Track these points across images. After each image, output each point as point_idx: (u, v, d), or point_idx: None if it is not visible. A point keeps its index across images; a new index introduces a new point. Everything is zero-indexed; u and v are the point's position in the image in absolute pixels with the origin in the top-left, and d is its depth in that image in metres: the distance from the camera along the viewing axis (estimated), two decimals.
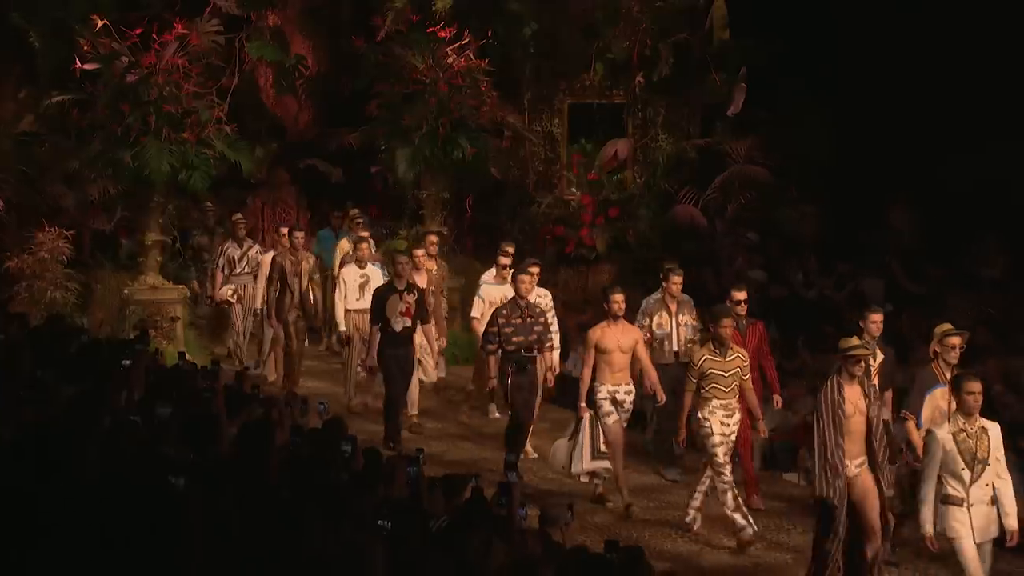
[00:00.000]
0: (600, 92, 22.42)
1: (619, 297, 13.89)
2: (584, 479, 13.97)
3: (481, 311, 16.22)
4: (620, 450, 13.94)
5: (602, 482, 14.14)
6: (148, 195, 18.74)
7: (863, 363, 11.57)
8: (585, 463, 13.76)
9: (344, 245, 19.09)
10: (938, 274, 19.79)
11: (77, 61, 18.04)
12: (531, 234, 21.51)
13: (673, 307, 15.07)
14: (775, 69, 21.22)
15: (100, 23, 18.05)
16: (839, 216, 21.38)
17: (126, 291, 18.89)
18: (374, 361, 15.79)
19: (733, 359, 13.15)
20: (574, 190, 22.43)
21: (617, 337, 13.82)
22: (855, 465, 11.37)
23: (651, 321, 15.05)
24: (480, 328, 15.77)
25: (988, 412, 14.13)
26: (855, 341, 11.74)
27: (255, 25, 21.07)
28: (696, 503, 13.43)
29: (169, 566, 6.39)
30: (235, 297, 19.18)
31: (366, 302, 16.58)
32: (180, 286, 19.39)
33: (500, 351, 14.52)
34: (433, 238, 17.98)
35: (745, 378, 13.26)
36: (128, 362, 11.85)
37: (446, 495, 9.83)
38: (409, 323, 15.64)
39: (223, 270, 19.17)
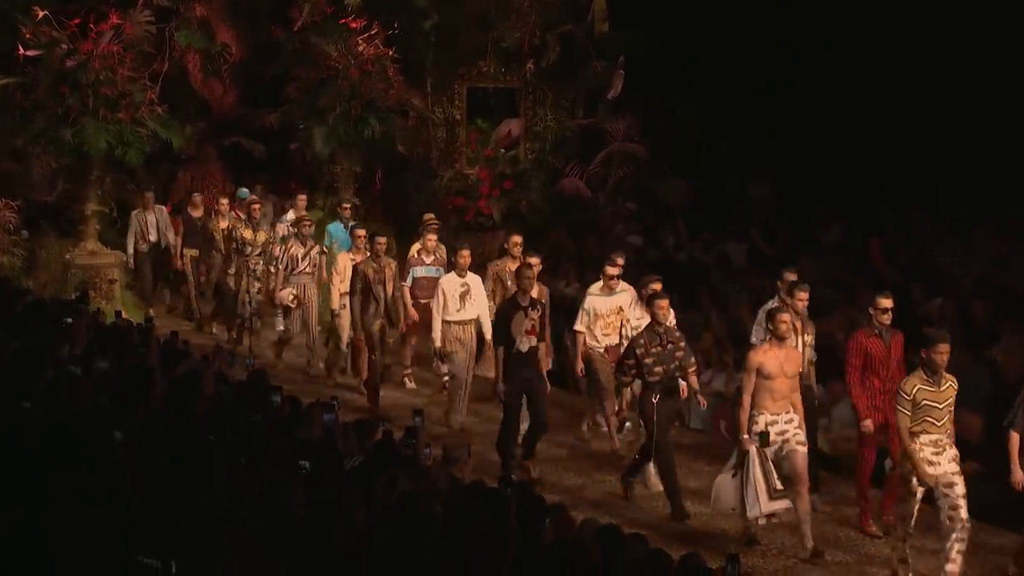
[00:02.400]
0: (495, 77, 22.43)
1: (786, 317, 11.53)
2: (762, 522, 11.42)
3: (586, 324, 14.09)
4: (804, 486, 11.39)
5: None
6: (87, 169, 18.71)
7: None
8: (763, 505, 11.16)
9: (412, 248, 16.87)
10: (789, 239, 20.09)
11: (20, 48, 17.88)
12: (434, 204, 21.52)
13: (798, 325, 12.35)
14: (650, 57, 21.38)
15: (41, 13, 18.00)
16: (706, 188, 21.63)
17: (68, 256, 18.84)
18: (502, 386, 13.15)
19: (946, 388, 10.54)
20: (473, 165, 22.45)
21: (781, 361, 11.35)
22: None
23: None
24: (582, 341, 14.11)
25: (835, 365, 14.45)
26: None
27: (184, 16, 20.89)
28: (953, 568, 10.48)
29: (107, 506, 6.42)
30: (295, 301, 16.85)
31: (466, 313, 14.74)
32: (117, 251, 19.33)
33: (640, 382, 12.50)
34: (518, 238, 15.62)
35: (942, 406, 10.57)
36: (70, 320, 11.79)
37: (359, 438, 9.88)
38: (535, 342, 13.10)
39: (285, 269, 16.88)
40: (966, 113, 19.35)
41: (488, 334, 14.63)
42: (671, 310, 12.69)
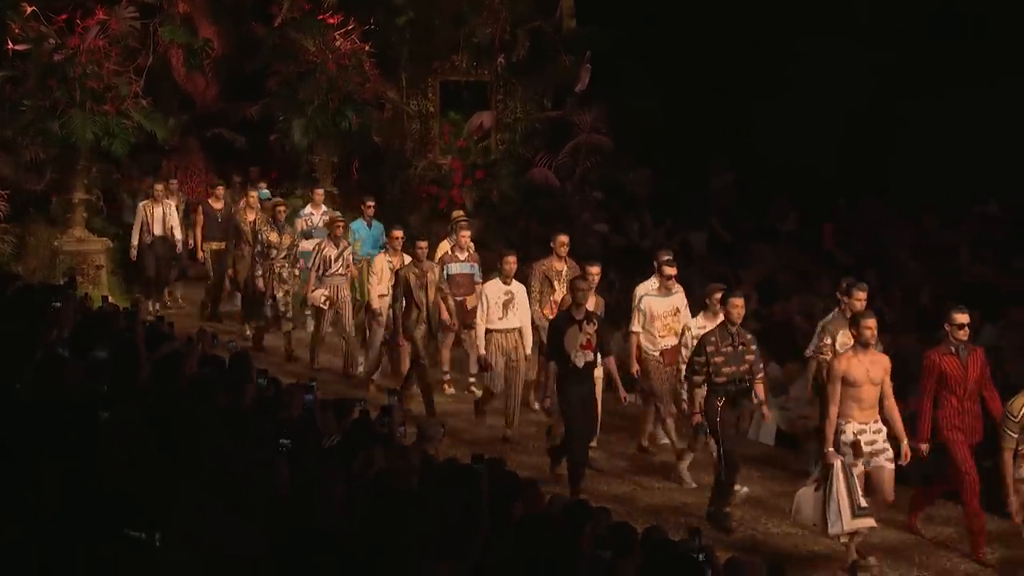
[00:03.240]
0: (467, 71, 22.40)
1: (872, 323, 10.55)
2: (844, 540, 10.54)
3: (641, 324, 12.95)
4: (888, 502, 10.70)
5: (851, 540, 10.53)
6: (74, 159, 18.62)
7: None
8: (846, 522, 10.30)
9: (444, 245, 16.00)
10: (747, 227, 20.19)
11: (9, 43, 17.87)
12: (409, 193, 21.55)
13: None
14: (615, 52, 21.44)
15: (29, 9, 17.99)
16: (669, 178, 21.71)
17: (56, 243, 18.75)
18: (552, 402, 12.19)
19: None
20: (446, 155, 22.43)
21: (866, 367, 10.45)
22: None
23: (834, 340, 11.78)
24: (636, 342, 13.00)
25: (790, 343, 14.56)
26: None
27: (167, 12, 20.83)
28: None
29: (94, 482, 6.43)
30: (327, 303, 15.85)
31: (509, 321, 13.59)
32: (104, 238, 19.26)
33: (707, 383, 11.46)
34: (564, 238, 14.08)
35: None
36: (58, 304, 11.77)
37: (337, 417, 9.89)
38: (591, 356, 11.91)
39: (317, 270, 15.86)
40: (912, 109, 19.55)
41: (527, 346, 13.70)
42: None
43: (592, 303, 12.24)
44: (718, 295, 12.07)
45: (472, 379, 15.02)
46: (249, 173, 21.13)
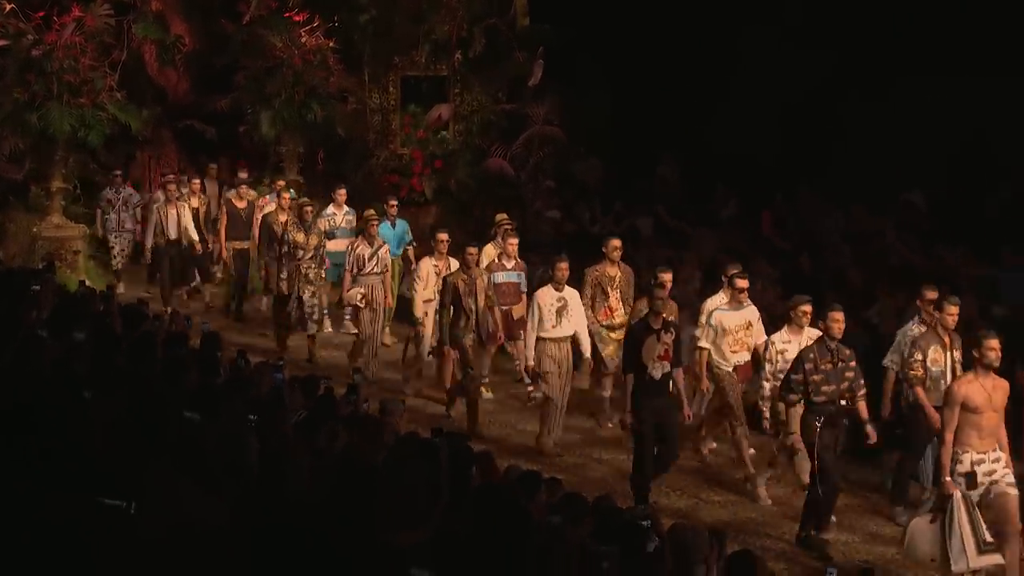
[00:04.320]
0: (426, 67, 22.33)
1: (995, 343, 9.41)
2: None
3: (711, 340, 11.98)
4: (1016, 533, 9.33)
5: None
6: (52, 150, 18.52)
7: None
8: (971, 559, 9.15)
9: (490, 251, 14.87)
10: (692, 213, 20.29)
11: None
12: (371, 182, 21.51)
13: (947, 340, 10.79)
14: (567, 49, 21.49)
15: (8, 7, 17.95)
16: (618, 167, 21.77)
17: (35, 229, 18.69)
18: (630, 417, 11.17)
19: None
20: (406, 146, 22.41)
21: (988, 392, 9.32)
22: None
23: (925, 357, 10.78)
24: (706, 358, 12.00)
25: None
26: None
27: (141, 10, 20.78)
28: None
29: (74, 454, 6.43)
30: (363, 301, 14.94)
31: (562, 329, 12.59)
32: (81, 224, 19.17)
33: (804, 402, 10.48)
34: (616, 242, 13.49)
35: None
36: (37, 287, 11.74)
37: (303, 394, 9.91)
38: (668, 368, 11.00)
39: (352, 270, 15.00)
40: (844, 104, 19.75)
41: (587, 350, 12.85)
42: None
43: (667, 311, 11.34)
44: (805, 307, 11.18)
45: (530, 387, 13.54)
46: (219, 165, 21.03)
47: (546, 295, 12.58)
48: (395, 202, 16.74)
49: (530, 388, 13.47)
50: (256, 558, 5.61)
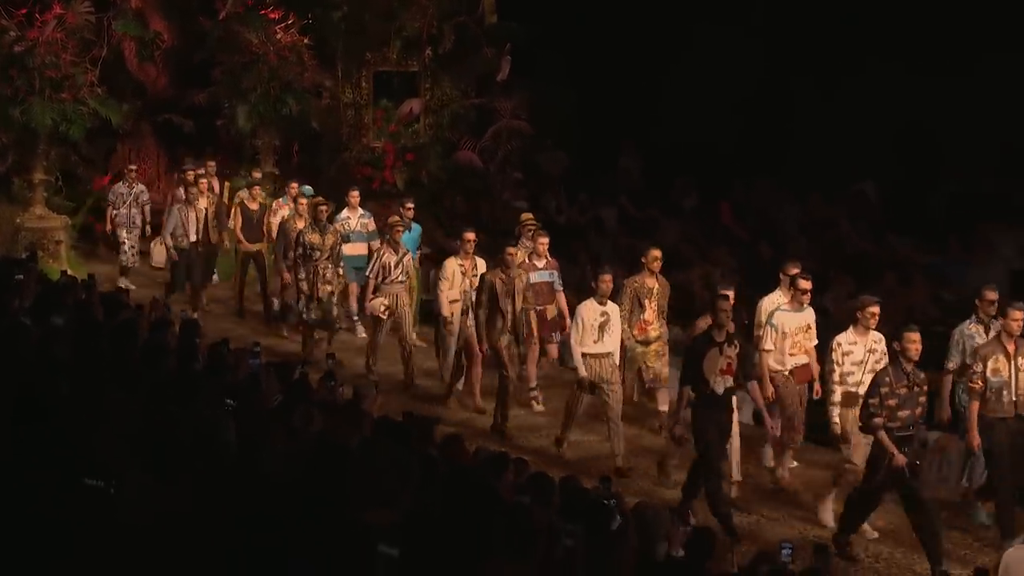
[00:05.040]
0: (398, 62, 22.29)
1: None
2: None
3: (774, 341, 11.02)
4: None
5: None
6: (34, 143, 18.33)
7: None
8: None
9: (519, 254, 13.51)
10: (654, 204, 20.35)
11: None
12: (345, 174, 21.44)
13: (1011, 348, 9.87)
14: (534, 45, 21.51)
15: None
16: (582, 160, 21.82)
17: (18, 220, 18.53)
18: (682, 429, 10.48)
19: None
20: (379, 139, 22.37)
21: None
22: None
23: (985, 367, 9.85)
24: (769, 364, 10.99)
25: (690, 307, 14.66)
26: None
27: (120, 7, 20.68)
28: None
29: (55, 436, 6.41)
30: (387, 312, 13.76)
31: (604, 345, 11.59)
32: (63, 216, 19.05)
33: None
34: (657, 252, 12.40)
35: None
36: (20, 276, 11.65)
37: (279, 379, 9.88)
38: (731, 382, 10.13)
39: (376, 277, 13.85)
40: (799, 98, 19.84)
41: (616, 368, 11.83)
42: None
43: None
44: (873, 308, 10.35)
45: (534, 393, 12.96)
46: (189, 158, 20.94)
47: (589, 309, 11.61)
48: (411, 205, 15.61)
49: (534, 394, 13.04)
50: (231, 538, 5.61)
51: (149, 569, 5.38)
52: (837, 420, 10.35)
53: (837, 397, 10.35)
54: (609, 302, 11.68)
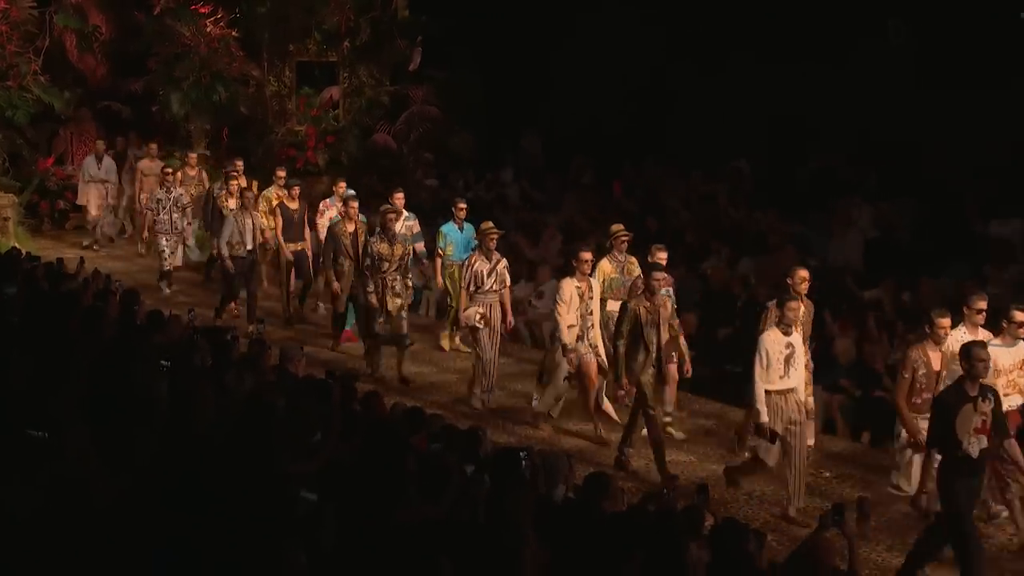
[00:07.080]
0: (319, 53, 22.10)
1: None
2: None
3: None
4: None
5: None
6: None
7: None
8: None
9: (605, 266, 11.66)
10: (554, 182, 20.40)
11: None
12: (271, 155, 21.21)
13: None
14: (443, 38, 21.51)
15: None
16: (488, 142, 21.84)
17: None
18: (921, 498, 8.24)
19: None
20: (302, 123, 22.18)
21: None
22: None
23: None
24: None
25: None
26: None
27: (62, 1, 20.34)
28: None
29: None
30: (482, 321, 11.85)
31: (790, 380, 9.29)
32: (11, 194, 18.73)
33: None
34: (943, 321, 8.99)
35: None
36: None
37: (210, 342, 9.78)
38: (985, 443, 7.79)
39: (469, 287, 11.89)
40: (681, 81, 20.03)
41: (811, 405, 9.88)
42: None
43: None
44: (981, 303, 8.83)
45: (669, 417, 11.13)
46: (128, 137, 20.63)
47: (773, 339, 9.26)
48: (463, 204, 13.75)
49: (670, 419, 11.10)
50: (165, 491, 5.56)
51: (88, 518, 5.31)
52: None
53: None
54: (795, 332, 9.34)
